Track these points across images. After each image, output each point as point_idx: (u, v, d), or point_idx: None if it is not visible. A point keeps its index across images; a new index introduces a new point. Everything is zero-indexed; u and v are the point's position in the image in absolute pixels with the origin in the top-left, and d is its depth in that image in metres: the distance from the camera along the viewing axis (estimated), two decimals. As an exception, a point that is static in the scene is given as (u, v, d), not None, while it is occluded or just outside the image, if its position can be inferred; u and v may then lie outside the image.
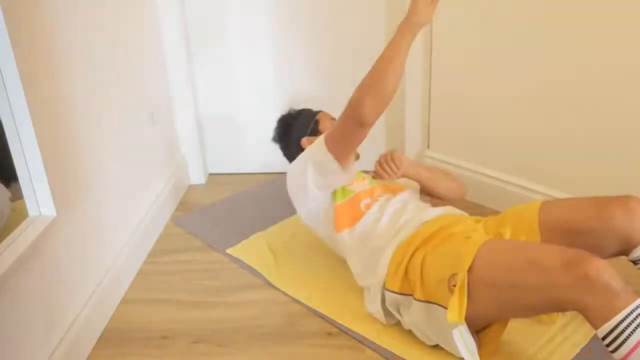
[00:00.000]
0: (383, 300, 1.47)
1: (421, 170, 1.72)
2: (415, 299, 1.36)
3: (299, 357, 1.43)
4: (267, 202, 2.28)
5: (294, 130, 1.85)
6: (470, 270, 1.22)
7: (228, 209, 2.25)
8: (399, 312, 1.44)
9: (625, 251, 1.31)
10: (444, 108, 2.24)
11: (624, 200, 1.30)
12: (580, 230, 1.33)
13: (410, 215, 1.54)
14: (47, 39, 1.36)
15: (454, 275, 1.24)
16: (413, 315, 1.38)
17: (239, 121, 2.53)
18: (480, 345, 1.33)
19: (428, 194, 1.77)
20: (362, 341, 1.46)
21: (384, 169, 1.64)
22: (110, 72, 1.74)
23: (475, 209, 2.11)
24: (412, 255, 1.40)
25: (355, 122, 1.41)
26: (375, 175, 1.67)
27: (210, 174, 2.61)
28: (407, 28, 1.38)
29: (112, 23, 1.78)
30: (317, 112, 1.87)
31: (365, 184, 1.68)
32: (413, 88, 2.28)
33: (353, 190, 1.64)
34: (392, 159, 1.64)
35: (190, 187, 2.50)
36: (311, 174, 1.57)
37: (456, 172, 2.22)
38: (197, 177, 2.52)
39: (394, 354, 1.40)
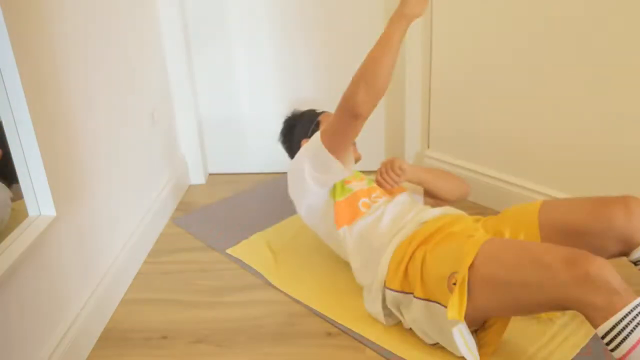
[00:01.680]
0: (383, 301, 1.47)
1: (423, 174, 1.71)
2: (415, 297, 1.36)
3: (299, 357, 1.43)
4: (267, 202, 2.28)
5: (296, 131, 1.87)
6: (471, 268, 1.22)
7: (228, 209, 2.25)
8: (399, 310, 1.45)
9: (625, 252, 1.31)
10: (444, 108, 2.24)
11: (623, 200, 1.30)
12: (580, 231, 1.33)
13: (410, 216, 1.54)
14: (47, 39, 1.36)
15: (453, 273, 1.25)
16: (413, 313, 1.38)
17: (239, 121, 2.53)
18: (480, 345, 1.33)
19: (432, 197, 1.77)
20: (362, 341, 1.46)
21: (385, 179, 1.63)
22: (110, 72, 1.74)
23: (475, 209, 2.11)
24: (412, 254, 1.41)
25: (349, 114, 1.43)
26: (377, 184, 1.67)
27: (210, 174, 2.61)
28: (398, 19, 1.40)
29: (112, 23, 1.78)
30: (320, 113, 1.87)
31: (363, 183, 1.68)
32: (413, 88, 2.28)
33: (351, 189, 1.64)
34: (392, 168, 1.62)
35: (190, 187, 2.50)
36: (308, 170, 1.59)
37: (456, 172, 2.23)
38: (197, 177, 2.53)
39: (394, 354, 1.40)
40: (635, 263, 1.31)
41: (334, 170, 1.58)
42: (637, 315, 1.04)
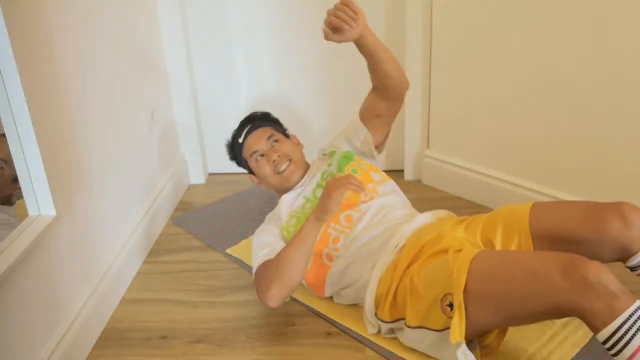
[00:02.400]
0: (380, 329, 1.46)
1: (373, 37, 1.48)
2: (406, 325, 1.35)
3: (299, 357, 1.43)
4: (267, 202, 2.28)
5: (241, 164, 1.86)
6: (464, 287, 1.18)
7: (228, 209, 2.25)
8: (394, 334, 1.44)
9: (621, 259, 1.29)
10: (444, 108, 2.24)
11: (618, 209, 1.26)
12: (574, 240, 1.29)
13: (382, 241, 1.48)
14: (47, 39, 1.36)
15: (447, 295, 1.22)
16: (407, 339, 1.38)
17: (239, 121, 2.52)
18: (482, 347, 1.33)
19: (372, 70, 1.57)
20: (362, 341, 1.46)
21: (339, 17, 1.38)
22: (110, 71, 1.74)
23: (475, 209, 2.11)
24: (399, 283, 1.37)
25: (260, 298, 1.44)
26: (327, 26, 1.42)
27: (210, 174, 2.61)
28: (315, 222, 1.43)
29: (112, 23, 1.78)
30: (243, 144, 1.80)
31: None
32: (413, 88, 2.27)
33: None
34: (349, 6, 1.38)
35: (190, 187, 2.50)
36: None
37: (456, 172, 2.23)
38: (197, 177, 2.52)
39: (394, 354, 1.40)
40: (632, 269, 1.29)
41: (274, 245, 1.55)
42: (638, 319, 1.03)
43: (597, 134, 1.78)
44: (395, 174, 2.34)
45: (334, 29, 1.42)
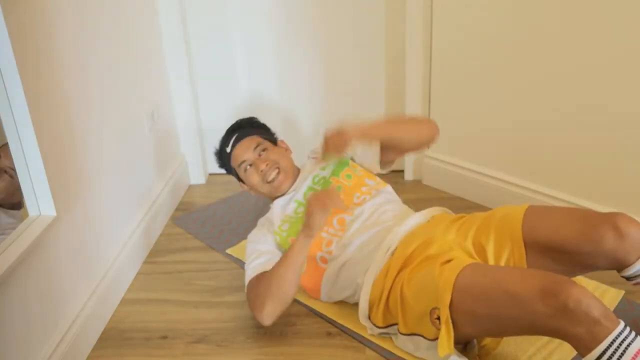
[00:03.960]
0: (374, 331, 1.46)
1: (379, 131, 1.57)
2: (399, 332, 1.36)
3: (299, 357, 1.43)
4: (267, 202, 2.27)
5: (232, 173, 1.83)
6: (450, 304, 1.18)
7: (228, 209, 2.25)
8: (389, 336, 1.44)
9: (616, 268, 1.28)
10: (444, 108, 2.24)
11: (612, 220, 1.25)
12: (568, 250, 1.28)
13: (374, 244, 1.48)
14: (47, 39, 1.36)
15: (434, 309, 1.22)
16: (400, 344, 1.39)
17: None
18: (481, 346, 1.33)
19: (392, 149, 1.63)
20: (362, 341, 1.46)
21: (329, 145, 1.49)
22: (110, 71, 1.74)
23: (475, 209, 2.11)
24: (391, 287, 1.37)
25: (255, 315, 1.45)
26: (323, 154, 1.53)
27: (210, 174, 2.61)
28: (304, 240, 1.45)
29: (112, 23, 1.78)
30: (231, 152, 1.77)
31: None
32: (413, 88, 2.28)
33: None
34: (338, 134, 1.48)
35: (190, 187, 2.50)
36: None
37: (456, 172, 2.23)
38: (197, 177, 2.52)
39: (394, 354, 1.40)
40: (628, 279, 1.29)
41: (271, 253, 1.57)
42: (621, 343, 1.02)
43: (596, 135, 1.78)
44: (396, 174, 2.35)
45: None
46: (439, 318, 1.21)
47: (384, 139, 1.59)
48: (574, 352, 1.35)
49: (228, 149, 1.76)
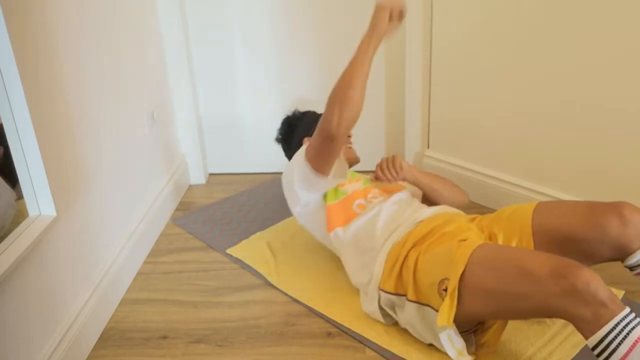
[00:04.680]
0: (379, 301, 1.47)
1: (420, 177, 1.71)
2: (408, 299, 1.37)
3: (299, 357, 1.43)
4: (266, 202, 2.28)
5: (296, 131, 1.87)
6: (461, 276, 1.22)
7: (228, 209, 2.25)
8: (394, 311, 1.45)
9: (619, 258, 1.31)
10: (444, 108, 2.24)
11: (617, 208, 1.29)
12: (574, 238, 1.33)
13: (405, 216, 1.55)
14: (48, 39, 1.36)
15: (444, 279, 1.25)
16: (407, 314, 1.39)
17: (239, 121, 2.53)
18: (480, 345, 1.34)
19: (428, 201, 1.76)
20: (362, 341, 1.46)
21: (384, 174, 1.63)
22: (110, 72, 1.74)
23: (475, 209, 2.11)
24: (406, 256, 1.41)
25: (325, 136, 1.46)
26: (374, 178, 1.67)
27: (210, 174, 2.61)
28: (368, 41, 1.46)
29: (112, 23, 1.78)
30: (321, 114, 1.87)
31: (359, 185, 1.69)
32: (413, 88, 2.28)
33: (345, 191, 1.65)
34: (393, 165, 1.63)
35: (190, 187, 2.50)
36: (297, 179, 1.61)
37: (456, 172, 2.23)
38: (197, 177, 2.53)
39: (394, 354, 1.40)
40: (630, 268, 1.31)
41: (318, 188, 1.61)
42: (624, 327, 1.04)
43: (597, 135, 1.78)
44: (395, 174, 2.35)
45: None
46: (446, 290, 1.24)
47: (429, 187, 1.71)
48: (574, 352, 1.36)
49: (319, 112, 1.85)
